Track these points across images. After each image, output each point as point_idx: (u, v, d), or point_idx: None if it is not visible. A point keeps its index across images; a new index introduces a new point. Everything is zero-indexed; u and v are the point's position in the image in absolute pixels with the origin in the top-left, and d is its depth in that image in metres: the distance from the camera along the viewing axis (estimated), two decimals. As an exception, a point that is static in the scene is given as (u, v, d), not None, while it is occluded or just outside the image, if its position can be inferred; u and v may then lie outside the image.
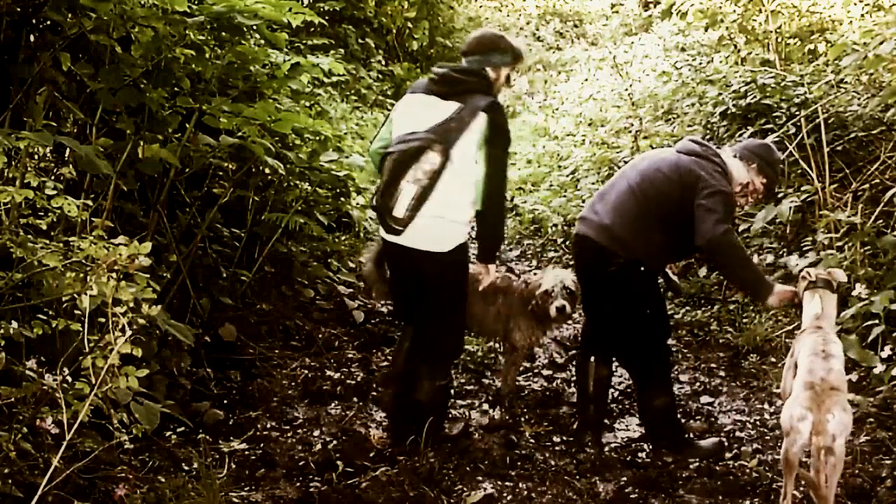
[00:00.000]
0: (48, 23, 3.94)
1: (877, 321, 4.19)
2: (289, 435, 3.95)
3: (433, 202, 3.51)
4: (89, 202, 3.17)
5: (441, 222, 3.55)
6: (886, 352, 4.15)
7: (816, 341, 3.24)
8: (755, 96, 6.40)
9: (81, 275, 2.62)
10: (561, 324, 4.54)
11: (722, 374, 4.87)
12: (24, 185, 2.92)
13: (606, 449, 3.91)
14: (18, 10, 3.73)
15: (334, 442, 3.85)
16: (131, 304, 2.52)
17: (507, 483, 3.52)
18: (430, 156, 3.48)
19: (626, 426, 4.22)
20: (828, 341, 3.24)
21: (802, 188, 5.48)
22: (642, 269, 3.72)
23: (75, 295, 2.58)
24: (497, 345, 4.93)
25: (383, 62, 13.03)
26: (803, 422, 2.96)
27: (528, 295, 4.21)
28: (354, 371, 4.78)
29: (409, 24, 13.58)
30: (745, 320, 5.35)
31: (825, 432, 2.91)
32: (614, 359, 4.06)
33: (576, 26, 17.68)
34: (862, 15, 7.17)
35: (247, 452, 3.69)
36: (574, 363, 5.04)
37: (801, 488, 3.28)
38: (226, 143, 4.25)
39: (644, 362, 3.84)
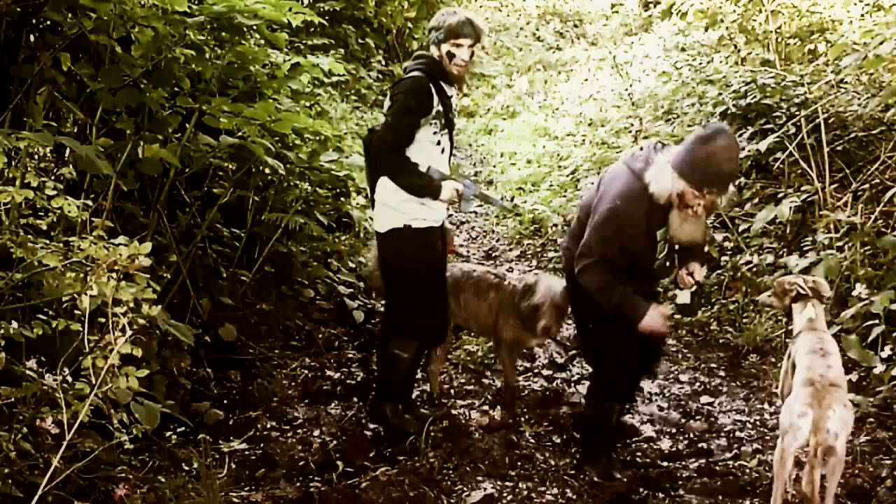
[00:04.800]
0: (48, 23, 3.95)
1: (877, 321, 4.19)
2: (289, 435, 3.95)
3: (378, 187, 3.78)
4: (89, 202, 3.17)
5: (378, 205, 3.80)
6: (886, 352, 4.15)
7: (813, 340, 3.25)
8: (755, 96, 6.39)
9: (81, 275, 2.62)
10: (545, 339, 4.48)
11: (722, 374, 4.87)
12: (24, 185, 2.92)
13: (606, 449, 3.91)
14: (18, 10, 3.73)
15: (334, 442, 3.86)
16: (131, 304, 2.52)
17: (507, 483, 3.52)
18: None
19: (626, 426, 4.22)
20: (824, 340, 3.24)
21: (802, 188, 5.48)
22: None
23: (75, 295, 2.58)
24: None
25: (383, 62, 13.01)
26: (803, 418, 2.93)
27: (518, 298, 4.18)
28: (354, 371, 4.78)
29: (409, 24, 13.57)
30: (745, 320, 5.34)
31: (825, 429, 2.89)
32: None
33: (576, 26, 17.64)
34: (862, 15, 7.16)
35: (247, 452, 3.70)
36: (574, 363, 5.06)
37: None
38: (226, 143, 4.25)
39: (608, 370, 3.72)
